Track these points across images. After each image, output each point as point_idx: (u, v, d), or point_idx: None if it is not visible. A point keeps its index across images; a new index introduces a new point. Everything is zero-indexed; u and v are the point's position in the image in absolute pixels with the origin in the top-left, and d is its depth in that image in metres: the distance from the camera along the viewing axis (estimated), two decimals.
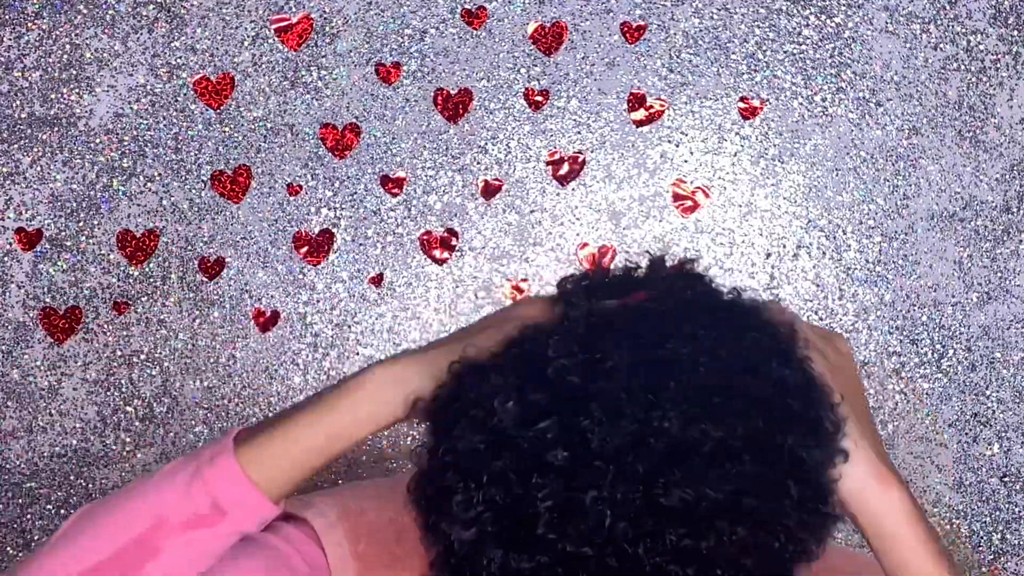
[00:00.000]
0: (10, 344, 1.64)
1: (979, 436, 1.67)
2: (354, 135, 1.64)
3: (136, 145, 1.64)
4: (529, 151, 1.65)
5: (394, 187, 1.64)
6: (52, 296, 1.64)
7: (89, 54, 1.63)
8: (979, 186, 1.65)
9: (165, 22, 1.63)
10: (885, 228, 1.66)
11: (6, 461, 1.65)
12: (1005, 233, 1.66)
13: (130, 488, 0.92)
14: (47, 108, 1.63)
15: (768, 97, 1.65)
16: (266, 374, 1.65)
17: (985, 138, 1.65)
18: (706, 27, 1.64)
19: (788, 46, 1.65)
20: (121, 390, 1.65)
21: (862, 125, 1.65)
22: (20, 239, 1.64)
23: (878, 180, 1.65)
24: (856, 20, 1.64)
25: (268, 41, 1.63)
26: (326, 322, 1.65)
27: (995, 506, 1.68)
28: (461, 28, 1.64)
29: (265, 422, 0.92)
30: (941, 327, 1.66)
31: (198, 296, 1.65)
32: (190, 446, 1.65)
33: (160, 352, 1.65)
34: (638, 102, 1.64)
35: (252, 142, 1.64)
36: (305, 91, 1.64)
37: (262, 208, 1.64)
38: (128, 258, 1.64)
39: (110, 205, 1.64)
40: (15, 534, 1.66)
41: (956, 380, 1.67)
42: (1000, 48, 1.65)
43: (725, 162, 1.65)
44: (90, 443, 1.65)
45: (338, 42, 1.64)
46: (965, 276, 1.66)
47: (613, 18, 1.64)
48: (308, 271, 1.65)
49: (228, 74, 1.64)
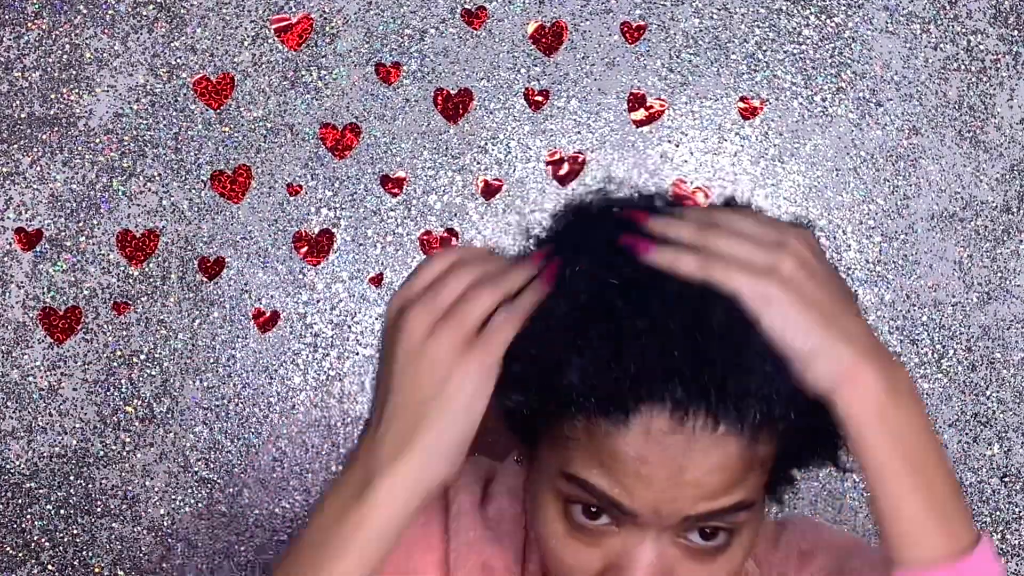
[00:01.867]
0: (10, 344, 1.64)
1: (979, 436, 1.67)
2: (354, 135, 1.64)
3: (136, 145, 1.64)
4: (529, 151, 1.65)
5: (394, 187, 1.64)
6: (52, 296, 1.64)
7: (89, 54, 1.63)
8: (979, 186, 1.65)
9: (165, 22, 1.63)
10: (885, 228, 1.66)
11: (6, 461, 1.65)
12: (1005, 233, 1.66)
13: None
14: (47, 108, 1.63)
15: (768, 97, 1.65)
16: (266, 374, 1.65)
17: (985, 138, 1.65)
18: (706, 27, 1.64)
19: (788, 46, 1.65)
20: (121, 390, 1.65)
21: (862, 125, 1.65)
22: (20, 239, 1.63)
23: (878, 180, 1.65)
24: (856, 20, 1.64)
25: (268, 41, 1.63)
26: (326, 322, 1.65)
27: (995, 506, 1.68)
28: (461, 28, 1.64)
29: (298, 564, 0.87)
30: (941, 327, 1.66)
31: (198, 296, 1.65)
32: (190, 446, 1.65)
33: (160, 352, 1.65)
34: (638, 102, 1.64)
35: (252, 142, 1.64)
36: (305, 91, 1.64)
37: (262, 208, 1.64)
38: (128, 258, 1.64)
39: (110, 205, 1.64)
40: (15, 534, 1.66)
41: (956, 380, 1.67)
42: (1000, 48, 1.65)
43: (725, 162, 1.65)
44: (90, 443, 1.65)
45: (338, 42, 1.64)
46: (965, 276, 1.66)
47: (613, 18, 1.64)
48: (308, 271, 1.65)
49: (228, 74, 1.63)
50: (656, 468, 0.82)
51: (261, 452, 1.65)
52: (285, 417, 1.65)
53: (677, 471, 0.82)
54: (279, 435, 1.65)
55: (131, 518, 1.66)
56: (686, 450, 0.82)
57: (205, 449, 1.65)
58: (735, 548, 0.88)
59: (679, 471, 0.82)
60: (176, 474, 1.66)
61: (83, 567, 1.66)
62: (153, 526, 1.66)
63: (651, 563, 0.86)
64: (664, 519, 0.85)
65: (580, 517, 0.87)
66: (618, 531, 0.87)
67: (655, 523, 0.85)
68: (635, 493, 0.83)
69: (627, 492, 0.84)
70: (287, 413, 1.65)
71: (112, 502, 1.66)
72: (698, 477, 0.83)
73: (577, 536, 0.87)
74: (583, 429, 0.84)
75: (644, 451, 0.82)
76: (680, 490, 0.83)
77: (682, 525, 0.85)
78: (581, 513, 0.86)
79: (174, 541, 1.66)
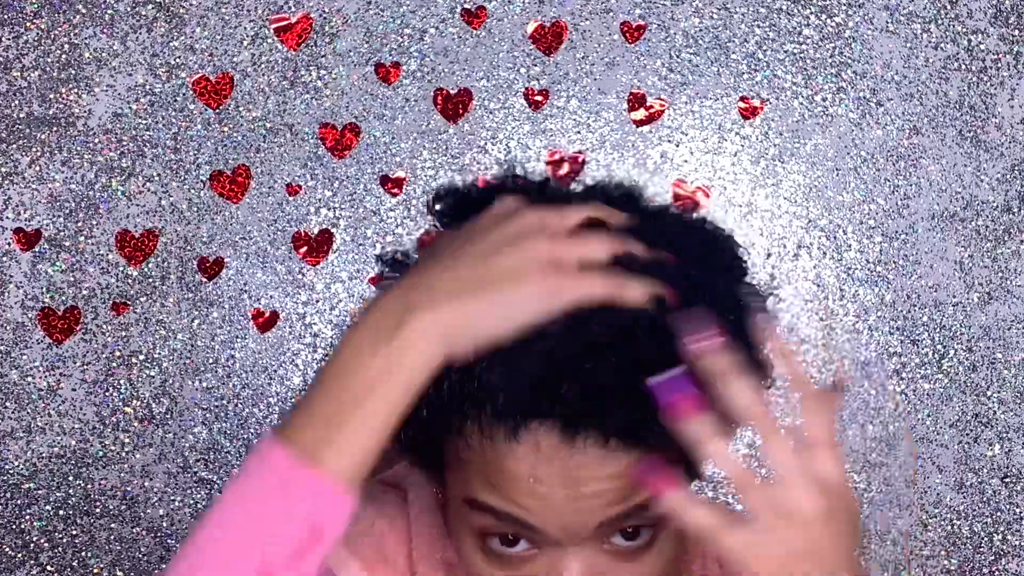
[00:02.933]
0: (9, 344, 1.64)
1: (980, 437, 1.67)
2: (354, 135, 1.64)
3: (135, 145, 1.63)
4: (529, 151, 1.64)
5: (394, 187, 1.64)
6: (51, 296, 1.64)
7: (88, 54, 1.63)
8: (980, 186, 1.65)
9: (164, 22, 1.63)
10: (886, 228, 1.66)
11: (5, 462, 1.65)
12: (1006, 233, 1.66)
13: (205, 545, 0.82)
14: (46, 108, 1.63)
15: (768, 97, 1.64)
16: (265, 374, 1.65)
17: (986, 138, 1.65)
18: (706, 27, 1.64)
19: (788, 46, 1.64)
20: (120, 390, 1.65)
21: (862, 125, 1.65)
22: (19, 239, 1.63)
23: (878, 180, 1.65)
24: (857, 20, 1.64)
25: (267, 41, 1.63)
26: (326, 322, 1.65)
27: (996, 507, 1.67)
28: (461, 28, 1.63)
29: (314, 413, 0.85)
30: (942, 327, 1.66)
31: (197, 296, 1.64)
32: (189, 447, 1.65)
33: (159, 352, 1.64)
34: (638, 102, 1.64)
35: (251, 142, 1.64)
36: (304, 91, 1.63)
37: (261, 208, 1.64)
38: (127, 258, 1.64)
39: (109, 205, 1.64)
40: (14, 535, 1.65)
41: (957, 381, 1.67)
42: (1001, 48, 1.64)
43: (725, 162, 1.65)
44: (89, 443, 1.65)
45: (338, 42, 1.63)
46: (966, 276, 1.66)
47: (613, 18, 1.63)
48: (307, 271, 1.65)
49: (227, 74, 1.63)
50: (551, 486, 0.82)
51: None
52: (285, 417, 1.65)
53: (573, 485, 0.82)
54: None
55: (130, 519, 1.65)
56: (579, 465, 0.81)
57: (204, 449, 1.65)
58: (662, 542, 0.87)
59: (575, 485, 0.82)
60: (175, 474, 1.65)
61: (82, 568, 1.66)
62: (152, 526, 1.66)
63: (582, 574, 0.85)
64: (579, 532, 0.84)
65: (499, 547, 0.86)
66: (539, 553, 0.85)
67: (571, 537, 0.84)
68: (535, 511, 0.83)
69: (526, 510, 0.83)
70: (287, 413, 1.65)
71: (111, 503, 1.65)
72: (596, 489, 0.82)
73: (501, 565, 0.86)
74: (475, 448, 0.84)
75: (535, 469, 0.81)
76: (582, 503, 0.82)
77: (599, 533, 0.84)
78: (499, 544, 0.86)
79: (174, 541, 1.66)
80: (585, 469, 0.81)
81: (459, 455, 0.85)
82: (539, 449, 0.81)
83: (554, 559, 0.85)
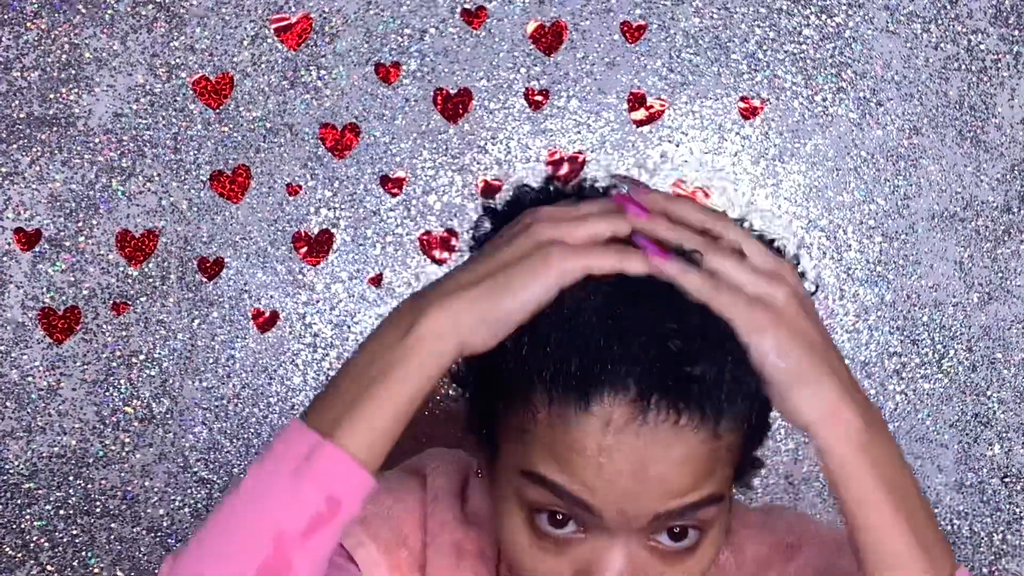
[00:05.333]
0: (9, 344, 1.64)
1: (980, 437, 1.67)
2: (354, 135, 1.64)
3: (135, 145, 1.63)
4: (529, 151, 1.64)
5: (394, 187, 1.64)
6: (51, 296, 1.64)
7: (88, 54, 1.63)
8: (980, 186, 1.65)
9: (164, 22, 1.63)
10: (886, 228, 1.66)
11: (5, 462, 1.65)
12: (1006, 233, 1.66)
13: (226, 516, 0.85)
14: (46, 108, 1.63)
15: (768, 97, 1.64)
16: (265, 374, 1.65)
17: (986, 138, 1.65)
18: (706, 27, 1.64)
19: (788, 46, 1.64)
20: (120, 390, 1.65)
21: (862, 125, 1.65)
22: (19, 239, 1.63)
23: (878, 180, 1.65)
24: (857, 20, 1.64)
25: (267, 41, 1.63)
26: (326, 322, 1.65)
27: (996, 507, 1.68)
28: (461, 28, 1.63)
29: (334, 397, 0.87)
30: (942, 327, 1.66)
31: (197, 296, 1.64)
32: (189, 447, 1.65)
33: (159, 352, 1.64)
34: (638, 102, 1.64)
35: (251, 142, 1.64)
36: (304, 91, 1.64)
37: (261, 208, 1.64)
38: (127, 258, 1.64)
39: (109, 205, 1.64)
40: (14, 535, 1.66)
41: (957, 380, 1.67)
42: (1001, 48, 1.64)
43: (725, 162, 1.65)
44: (89, 443, 1.65)
45: (337, 42, 1.63)
46: (966, 276, 1.66)
47: (613, 18, 1.63)
48: (307, 271, 1.65)
49: (227, 74, 1.63)
50: (617, 463, 0.82)
51: (261, 452, 1.64)
52: (285, 417, 1.65)
53: (640, 466, 0.82)
54: None
55: (130, 518, 1.65)
56: (648, 443, 0.82)
57: (204, 449, 1.65)
58: (706, 547, 0.87)
59: (642, 466, 0.82)
60: (175, 474, 1.65)
61: (82, 567, 1.66)
62: (153, 526, 1.66)
63: (621, 568, 0.85)
64: (631, 520, 0.84)
65: (546, 526, 0.86)
66: (585, 538, 0.86)
67: (622, 526, 0.84)
68: (597, 490, 0.83)
69: (588, 489, 0.83)
70: (287, 413, 1.65)
71: (111, 502, 1.65)
72: (662, 472, 0.82)
73: (544, 546, 0.86)
74: (542, 421, 0.84)
75: (603, 443, 0.82)
76: (644, 487, 0.83)
77: (651, 526, 0.85)
78: (547, 522, 0.86)
79: (174, 541, 1.66)
80: (653, 449, 0.82)
81: (523, 426, 0.85)
82: (608, 424, 0.82)
83: (599, 548, 0.85)
